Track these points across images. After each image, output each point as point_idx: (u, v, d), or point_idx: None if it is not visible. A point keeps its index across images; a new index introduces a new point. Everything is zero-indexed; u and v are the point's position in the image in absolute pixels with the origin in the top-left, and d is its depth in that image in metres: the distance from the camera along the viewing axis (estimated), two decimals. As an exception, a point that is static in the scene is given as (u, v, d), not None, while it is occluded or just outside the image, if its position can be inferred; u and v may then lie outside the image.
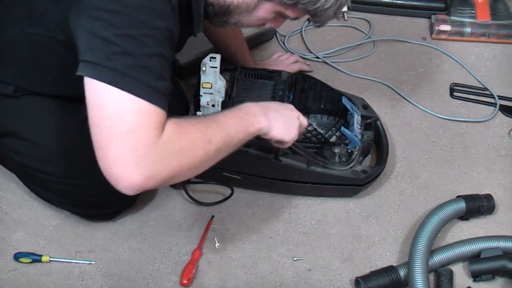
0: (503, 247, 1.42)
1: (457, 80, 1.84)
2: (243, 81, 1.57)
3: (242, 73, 1.59)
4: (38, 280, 1.42)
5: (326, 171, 1.50)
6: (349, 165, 1.51)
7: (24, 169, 1.46)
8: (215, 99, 1.48)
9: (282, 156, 1.47)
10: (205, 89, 1.48)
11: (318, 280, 1.43)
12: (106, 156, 1.04)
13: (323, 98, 1.65)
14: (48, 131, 1.38)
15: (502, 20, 1.96)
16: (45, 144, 1.39)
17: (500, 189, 1.59)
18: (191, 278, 1.41)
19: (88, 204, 1.46)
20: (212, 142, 1.13)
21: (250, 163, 1.49)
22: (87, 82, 1.05)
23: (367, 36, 1.96)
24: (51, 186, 1.45)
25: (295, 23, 1.97)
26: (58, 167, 1.41)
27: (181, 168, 1.09)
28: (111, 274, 1.43)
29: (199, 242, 1.47)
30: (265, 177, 1.53)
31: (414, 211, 1.55)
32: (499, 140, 1.70)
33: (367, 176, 1.51)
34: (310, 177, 1.51)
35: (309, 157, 1.48)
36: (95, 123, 1.05)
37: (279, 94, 1.54)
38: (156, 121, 1.05)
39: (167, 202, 1.56)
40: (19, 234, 1.50)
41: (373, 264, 1.45)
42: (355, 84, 1.83)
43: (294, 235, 1.51)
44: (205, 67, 1.47)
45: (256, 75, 1.60)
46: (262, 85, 1.58)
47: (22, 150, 1.41)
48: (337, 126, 1.65)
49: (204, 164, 1.14)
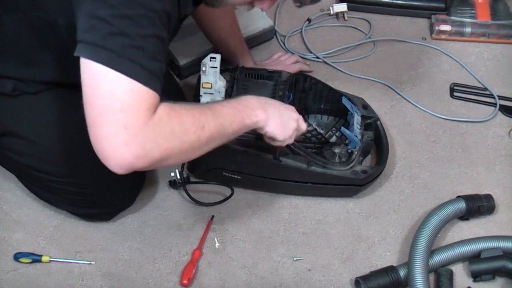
0: (503, 247, 1.42)
1: (457, 80, 1.84)
2: (243, 81, 1.57)
3: (242, 73, 1.59)
4: (38, 280, 1.42)
5: (326, 171, 1.50)
6: (349, 165, 1.51)
7: (23, 169, 1.46)
8: (215, 99, 1.47)
9: (282, 156, 1.47)
10: (205, 89, 1.48)
11: (318, 280, 1.43)
12: (98, 134, 1.06)
13: (323, 98, 1.65)
14: (47, 130, 1.39)
15: (502, 20, 1.96)
16: (44, 143, 1.39)
17: (500, 189, 1.59)
18: (191, 278, 1.41)
19: (88, 204, 1.46)
20: (205, 128, 1.14)
21: (250, 163, 1.49)
22: (83, 62, 1.07)
23: (367, 36, 1.96)
24: (50, 185, 1.45)
25: (295, 23, 1.98)
26: (57, 166, 1.41)
27: (172, 150, 1.10)
28: (111, 274, 1.43)
29: (199, 242, 1.47)
30: (265, 177, 1.53)
31: (414, 211, 1.55)
32: (499, 140, 1.70)
33: (367, 176, 1.51)
34: (310, 177, 1.51)
35: (309, 157, 1.48)
36: (88, 101, 1.07)
37: (279, 94, 1.54)
38: (147, 102, 1.07)
39: (167, 202, 1.56)
40: (19, 234, 1.50)
41: (373, 264, 1.45)
42: (355, 84, 1.82)
43: (294, 235, 1.51)
44: (205, 67, 1.47)
45: (256, 75, 1.60)
46: (262, 85, 1.58)
47: (21, 149, 1.41)
48: (337, 126, 1.65)
49: (196, 150, 1.16)
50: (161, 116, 1.09)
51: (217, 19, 1.66)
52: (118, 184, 1.44)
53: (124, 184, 1.46)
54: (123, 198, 1.50)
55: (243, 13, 1.90)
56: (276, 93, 1.55)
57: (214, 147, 1.20)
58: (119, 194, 1.47)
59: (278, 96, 1.53)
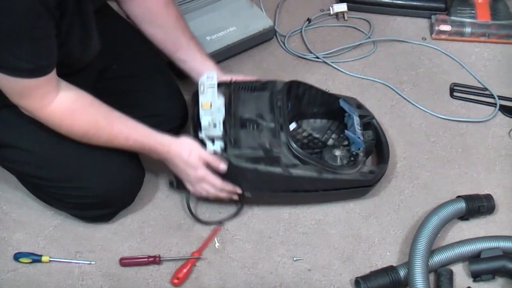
0: (503, 247, 1.42)
1: (457, 80, 1.84)
2: (238, 96, 1.52)
3: (236, 87, 1.54)
4: (38, 280, 1.42)
5: (336, 177, 1.48)
6: (357, 167, 1.50)
7: (23, 176, 1.49)
8: (216, 118, 1.44)
9: (291, 168, 1.44)
10: (204, 110, 1.43)
11: (318, 280, 1.43)
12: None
13: (317, 102, 1.63)
14: (35, 137, 1.39)
15: (502, 20, 1.96)
16: (35, 150, 1.41)
17: (500, 189, 1.59)
18: (181, 278, 1.41)
19: (87, 206, 1.46)
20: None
21: (261, 180, 1.46)
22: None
23: (367, 36, 1.96)
24: (50, 191, 1.46)
25: (295, 23, 1.98)
26: (53, 172, 1.42)
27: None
28: (111, 274, 1.43)
29: (201, 245, 1.47)
30: (277, 191, 1.50)
31: (414, 211, 1.55)
32: (499, 140, 1.70)
33: (375, 176, 1.52)
34: (321, 185, 1.50)
35: (319, 165, 1.47)
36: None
37: (278, 105, 1.50)
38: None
39: (167, 202, 1.56)
40: (19, 234, 1.50)
41: (373, 264, 1.45)
42: (355, 84, 1.83)
43: (294, 235, 1.51)
44: (203, 87, 1.44)
45: (249, 88, 1.55)
46: (257, 98, 1.53)
47: (17, 158, 1.43)
48: (331, 128, 1.64)
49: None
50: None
51: (155, 14, 1.54)
52: (117, 185, 1.44)
53: (123, 184, 1.46)
54: (123, 199, 1.50)
55: (243, 13, 1.91)
56: (275, 104, 1.51)
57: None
58: (118, 195, 1.47)
59: (277, 107, 1.50)
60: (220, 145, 1.44)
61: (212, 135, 1.44)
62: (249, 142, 1.44)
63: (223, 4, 1.91)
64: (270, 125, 1.47)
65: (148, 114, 1.54)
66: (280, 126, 1.46)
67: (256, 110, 1.50)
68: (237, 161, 1.42)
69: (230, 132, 1.45)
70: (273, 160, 1.43)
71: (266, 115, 1.49)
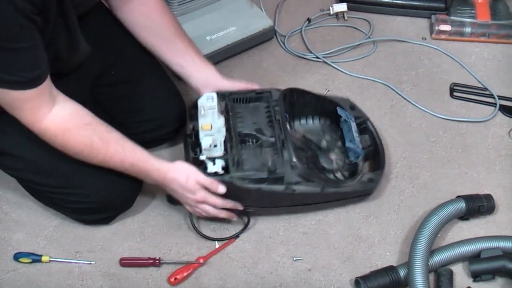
0: (503, 247, 1.42)
1: (457, 80, 1.84)
2: (235, 109, 1.52)
3: (231, 100, 1.53)
4: (38, 280, 1.42)
5: (338, 190, 1.49)
6: (358, 178, 1.50)
7: (22, 182, 1.49)
8: (216, 139, 1.42)
9: (294, 185, 1.43)
10: (205, 131, 1.42)
11: (318, 280, 1.43)
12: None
13: (311, 107, 1.63)
14: (30, 144, 1.37)
15: (502, 20, 1.96)
16: (32, 157, 1.40)
17: (500, 189, 1.59)
18: (179, 279, 1.40)
19: (86, 211, 1.46)
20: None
21: (265, 198, 1.46)
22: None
23: (367, 36, 1.96)
24: (48, 195, 1.46)
25: (295, 23, 1.98)
26: (51, 178, 1.42)
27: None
28: (111, 274, 1.43)
29: (210, 253, 1.46)
30: (279, 206, 1.51)
31: (414, 211, 1.55)
32: (499, 140, 1.70)
33: (375, 184, 1.52)
34: (323, 198, 1.50)
35: (322, 182, 1.46)
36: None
37: (276, 119, 1.49)
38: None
39: (167, 203, 1.56)
40: (19, 234, 1.50)
41: (373, 264, 1.45)
42: (355, 84, 1.83)
43: (294, 235, 1.51)
44: (203, 110, 1.43)
45: (244, 99, 1.54)
46: (254, 109, 1.52)
47: (14, 165, 1.43)
48: (324, 129, 1.63)
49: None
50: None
51: (151, 20, 1.52)
52: (116, 191, 1.44)
53: (121, 190, 1.46)
54: (121, 204, 1.49)
55: (243, 13, 1.91)
56: (273, 117, 1.50)
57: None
58: (117, 200, 1.47)
59: (276, 120, 1.49)
60: (222, 164, 1.43)
61: (213, 155, 1.43)
62: (251, 162, 1.43)
63: (223, 4, 1.91)
64: (270, 140, 1.47)
65: (148, 118, 1.54)
66: (281, 142, 1.45)
67: (254, 124, 1.50)
68: (240, 183, 1.41)
69: (231, 151, 1.44)
70: (276, 180, 1.42)
71: (265, 129, 1.49)
